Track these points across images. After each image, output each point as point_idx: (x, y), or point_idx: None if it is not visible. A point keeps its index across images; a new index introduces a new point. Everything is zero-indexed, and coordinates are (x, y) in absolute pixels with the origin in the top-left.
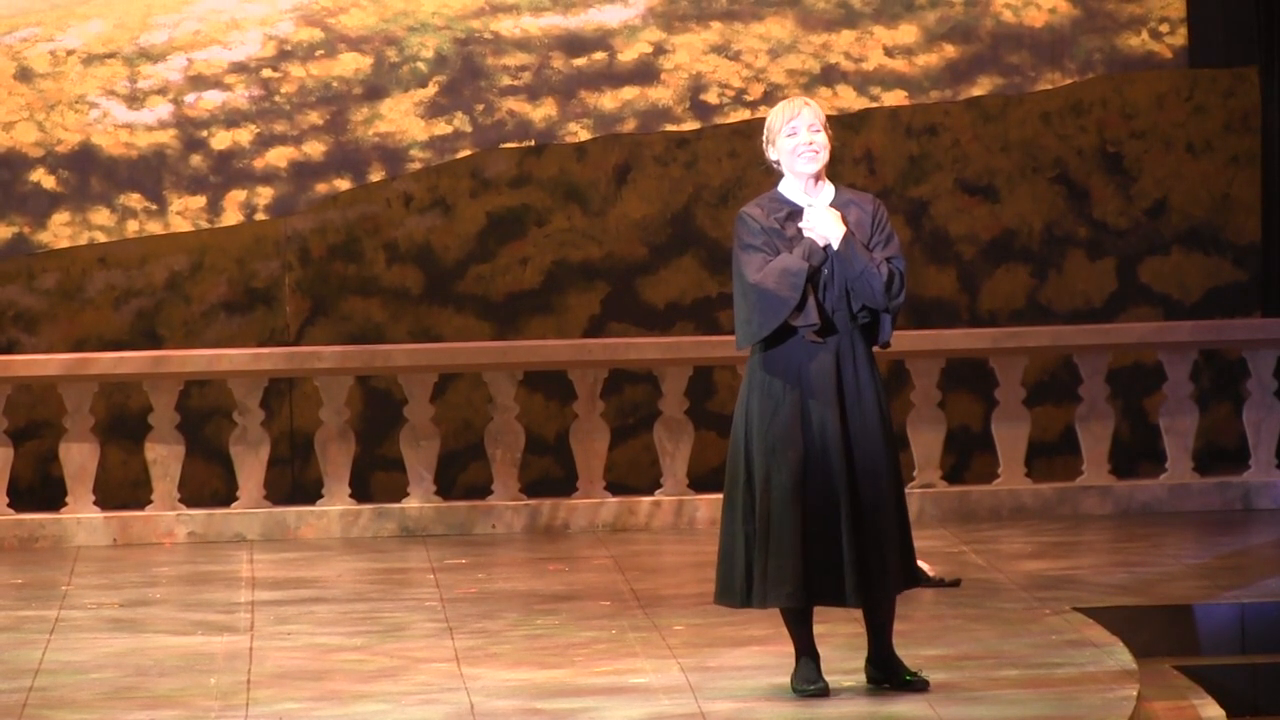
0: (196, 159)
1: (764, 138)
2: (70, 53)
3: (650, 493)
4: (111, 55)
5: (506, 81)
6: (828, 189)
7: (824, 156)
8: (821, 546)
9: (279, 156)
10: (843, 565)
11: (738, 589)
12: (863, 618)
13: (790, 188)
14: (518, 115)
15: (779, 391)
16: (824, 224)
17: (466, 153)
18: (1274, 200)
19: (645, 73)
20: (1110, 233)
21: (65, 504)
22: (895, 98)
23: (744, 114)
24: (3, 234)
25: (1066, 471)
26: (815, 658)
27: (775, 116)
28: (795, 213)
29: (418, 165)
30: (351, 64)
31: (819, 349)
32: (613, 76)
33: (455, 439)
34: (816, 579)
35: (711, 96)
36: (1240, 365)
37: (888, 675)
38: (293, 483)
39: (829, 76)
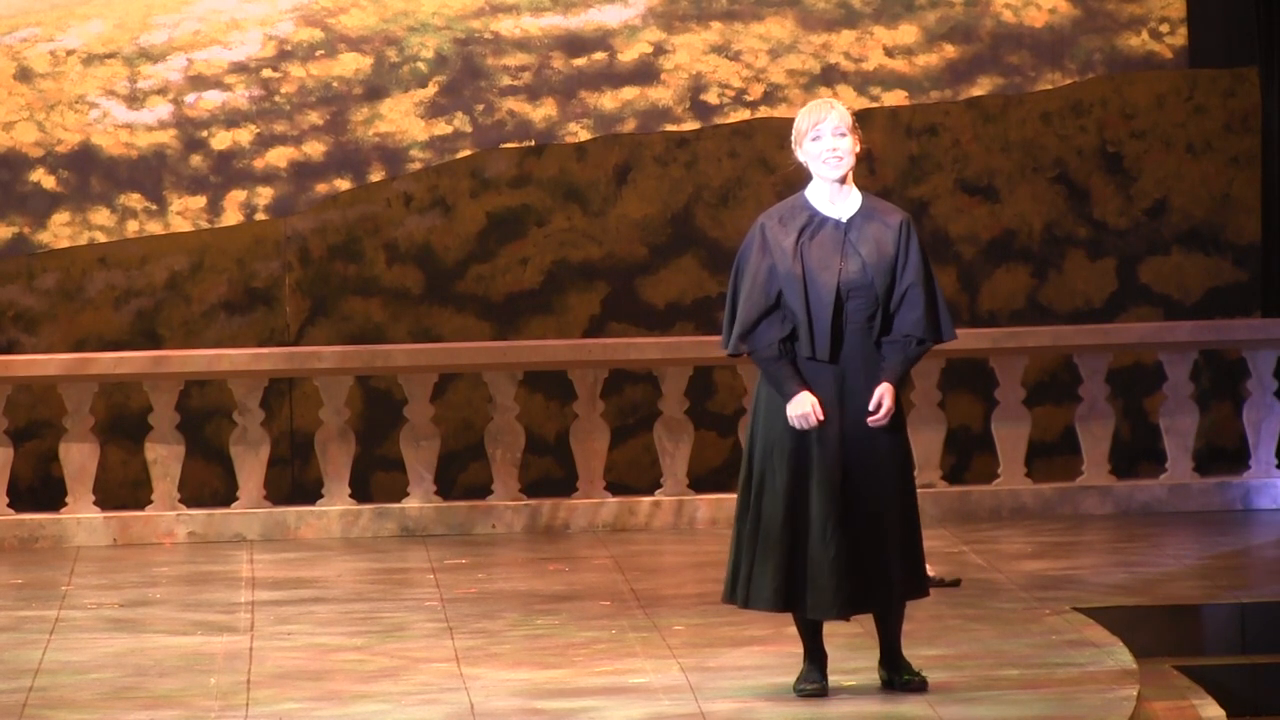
0: (196, 159)
1: (791, 139)
2: (70, 53)
3: (650, 493)
4: (111, 55)
5: (506, 81)
6: (854, 196)
7: (849, 162)
8: (811, 556)
9: (279, 156)
10: (824, 577)
11: (731, 586)
12: (872, 621)
13: (816, 193)
14: (518, 115)
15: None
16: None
17: (466, 153)
18: (1274, 200)
19: (645, 73)
20: (1110, 233)
21: (65, 504)
22: (895, 98)
23: (744, 114)
24: (3, 234)
25: (1066, 471)
26: (820, 659)
27: (802, 119)
28: (816, 221)
29: (418, 165)
30: (351, 64)
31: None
32: (613, 76)
33: (455, 439)
34: (802, 587)
35: (711, 96)
36: (1240, 365)
37: (891, 675)
38: (293, 483)
39: (829, 76)
